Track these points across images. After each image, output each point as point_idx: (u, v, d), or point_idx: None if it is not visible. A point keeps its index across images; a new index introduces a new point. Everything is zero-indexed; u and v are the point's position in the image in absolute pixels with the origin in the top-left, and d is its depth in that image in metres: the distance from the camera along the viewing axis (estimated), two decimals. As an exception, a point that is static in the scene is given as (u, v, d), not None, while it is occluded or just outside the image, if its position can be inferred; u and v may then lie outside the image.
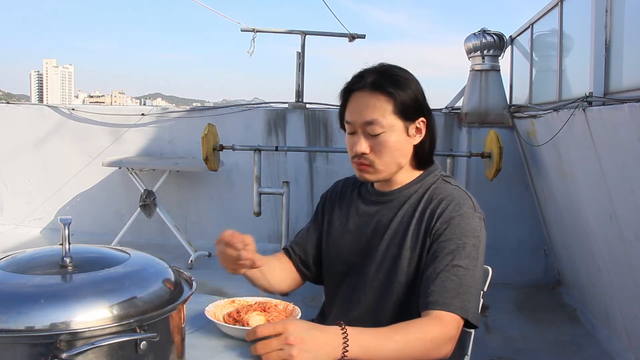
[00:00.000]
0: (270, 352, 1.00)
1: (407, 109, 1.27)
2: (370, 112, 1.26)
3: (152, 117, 5.36)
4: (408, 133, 1.29)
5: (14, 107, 5.79)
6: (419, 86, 1.31)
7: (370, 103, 1.26)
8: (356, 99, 1.29)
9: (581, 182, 3.23)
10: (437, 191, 1.31)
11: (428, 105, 1.33)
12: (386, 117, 1.26)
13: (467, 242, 1.22)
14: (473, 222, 1.24)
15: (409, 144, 1.31)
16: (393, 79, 1.27)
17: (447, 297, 1.15)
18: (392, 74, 1.29)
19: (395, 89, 1.26)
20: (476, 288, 1.20)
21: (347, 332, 1.06)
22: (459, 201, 1.27)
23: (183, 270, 1.00)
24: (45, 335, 0.74)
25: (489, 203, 4.40)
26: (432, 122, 1.33)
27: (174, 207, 5.19)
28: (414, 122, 1.29)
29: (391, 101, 1.25)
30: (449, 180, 1.35)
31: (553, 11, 3.84)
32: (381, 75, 1.28)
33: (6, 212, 5.80)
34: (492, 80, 4.69)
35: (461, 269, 1.19)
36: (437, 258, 1.22)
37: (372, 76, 1.28)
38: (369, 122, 1.26)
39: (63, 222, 0.87)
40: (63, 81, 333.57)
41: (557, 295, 4.18)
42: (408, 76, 1.31)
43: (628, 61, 2.74)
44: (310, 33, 5.26)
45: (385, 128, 1.26)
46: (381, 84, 1.26)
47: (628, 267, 2.72)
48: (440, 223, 1.25)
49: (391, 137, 1.27)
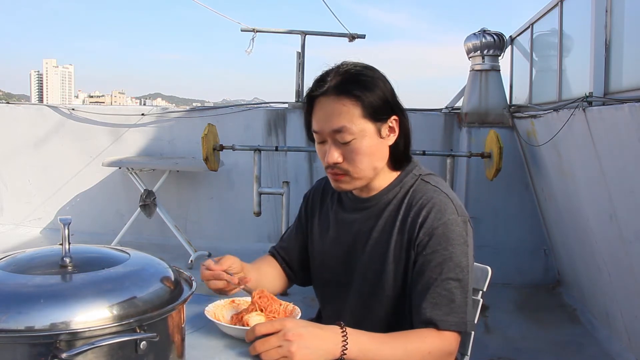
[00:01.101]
0: (269, 349, 1.00)
1: (376, 110, 1.19)
2: (338, 119, 1.17)
3: (152, 117, 5.36)
4: (381, 135, 1.22)
5: (14, 107, 5.79)
6: (387, 83, 1.23)
7: (336, 109, 1.18)
8: (321, 106, 1.20)
9: (581, 182, 3.23)
10: (416, 195, 1.24)
11: (399, 101, 1.26)
12: (355, 122, 1.17)
13: (454, 251, 1.17)
14: (457, 228, 1.19)
15: (383, 146, 1.24)
16: (358, 80, 1.19)
17: (441, 315, 1.13)
18: (356, 75, 1.20)
19: (362, 91, 1.17)
20: (470, 295, 1.18)
21: (347, 332, 1.06)
22: (440, 207, 1.20)
23: (183, 270, 1.00)
24: (45, 335, 0.74)
25: (489, 203, 4.42)
26: (405, 119, 1.27)
27: (174, 207, 5.19)
28: (386, 122, 1.22)
29: (358, 105, 1.17)
30: (429, 179, 1.28)
31: (553, 11, 3.84)
32: (345, 77, 1.20)
33: (6, 212, 5.79)
34: (492, 80, 4.69)
35: (452, 281, 1.15)
36: (424, 272, 1.17)
37: (335, 79, 1.19)
38: (337, 130, 1.18)
39: (63, 222, 0.87)
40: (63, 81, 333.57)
41: (557, 295, 4.18)
42: (374, 74, 1.22)
43: (628, 61, 2.74)
44: (310, 33, 5.26)
45: (356, 134, 1.18)
46: (346, 87, 1.18)
47: (628, 267, 2.72)
48: (423, 234, 1.19)
49: (363, 143, 1.19)
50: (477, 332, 1.37)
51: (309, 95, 1.23)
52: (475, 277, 1.42)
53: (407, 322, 1.21)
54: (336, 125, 1.18)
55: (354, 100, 1.17)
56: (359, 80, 1.19)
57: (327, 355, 1.03)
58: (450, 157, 4.16)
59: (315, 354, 1.01)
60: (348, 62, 1.24)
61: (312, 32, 5.28)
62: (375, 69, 1.24)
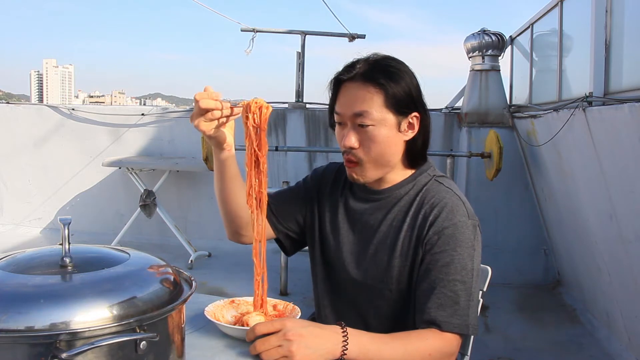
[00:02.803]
0: (269, 348, 1.00)
1: (399, 102, 1.20)
2: (360, 104, 1.20)
3: (152, 117, 5.36)
4: (399, 128, 1.22)
5: (14, 107, 5.79)
6: (413, 79, 1.24)
7: (360, 95, 1.20)
8: (346, 90, 1.23)
9: (581, 182, 3.23)
10: (429, 194, 1.25)
11: (423, 100, 1.26)
12: (376, 109, 1.19)
13: (462, 254, 1.17)
14: (467, 231, 1.19)
15: (400, 140, 1.24)
16: (386, 70, 1.21)
17: (445, 316, 1.13)
18: (385, 65, 1.22)
19: (387, 81, 1.19)
20: (474, 299, 1.17)
21: (347, 331, 1.06)
22: (451, 208, 1.21)
23: (183, 270, 1.00)
24: (45, 335, 0.74)
25: (489, 203, 4.42)
26: (427, 118, 1.26)
27: (174, 207, 5.19)
28: (407, 116, 1.22)
29: (382, 93, 1.19)
30: (442, 181, 1.28)
31: (553, 11, 3.84)
32: (373, 65, 1.21)
33: (6, 212, 5.80)
34: (492, 80, 4.69)
35: (457, 282, 1.15)
36: (431, 271, 1.17)
37: (363, 66, 1.22)
38: (358, 113, 1.20)
39: (63, 222, 0.87)
40: (63, 81, 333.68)
41: (557, 295, 4.18)
42: (402, 68, 1.23)
43: (628, 61, 2.74)
44: (310, 33, 5.26)
45: (375, 121, 1.19)
46: (373, 74, 1.20)
47: (628, 267, 2.72)
48: (432, 233, 1.19)
49: (381, 132, 1.20)
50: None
51: (336, 78, 1.25)
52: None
53: (411, 318, 1.21)
54: (358, 109, 1.20)
55: (378, 89, 1.19)
56: (386, 71, 1.21)
57: (327, 355, 1.03)
58: (450, 157, 4.16)
59: (315, 353, 1.01)
60: (378, 53, 1.25)
61: (312, 32, 5.28)
62: (404, 63, 1.25)
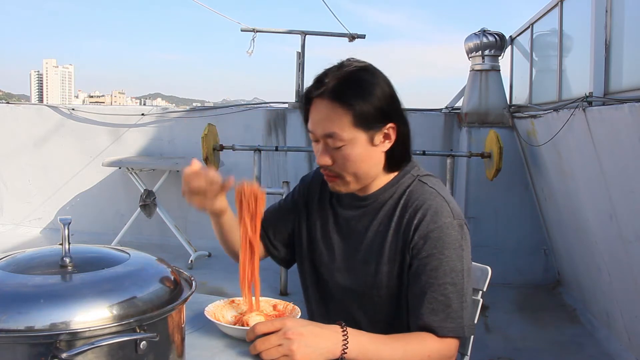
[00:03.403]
0: (269, 348, 1.00)
1: (369, 120, 1.16)
2: (329, 125, 1.16)
3: (152, 117, 5.36)
4: (373, 142, 1.19)
5: (14, 107, 5.79)
6: (386, 89, 1.19)
7: (328, 115, 1.16)
8: (316, 107, 1.18)
9: (581, 182, 3.23)
10: (413, 196, 1.22)
11: (399, 106, 1.23)
12: (346, 130, 1.15)
13: (450, 256, 1.16)
14: (453, 232, 1.18)
15: (376, 153, 1.21)
16: (355, 85, 1.16)
17: (438, 321, 1.12)
18: (355, 79, 1.17)
19: (356, 99, 1.15)
20: (467, 299, 1.17)
21: (347, 331, 1.06)
22: (436, 210, 1.19)
23: (183, 270, 1.00)
24: (45, 335, 0.74)
25: (489, 203, 4.43)
26: (404, 125, 1.24)
27: (174, 207, 5.19)
28: (380, 130, 1.19)
29: (350, 113, 1.15)
30: (426, 180, 1.26)
31: (553, 11, 3.85)
32: (343, 80, 1.16)
33: (6, 212, 5.80)
34: (492, 80, 4.70)
35: (448, 285, 1.14)
36: (420, 276, 1.16)
37: (332, 81, 1.16)
38: (327, 134, 1.17)
39: (63, 222, 0.87)
40: (63, 81, 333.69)
41: (557, 295, 4.18)
42: (373, 80, 1.18)
43: (628, 61, 2.74)
44: (310, 33, 5.26)
45: (346, 141, 1.16)
46: (341, 91, 1.15)
47: (628, 267, 2.72)
48: (418, 237, 1.18)
49: (353, 151, 1.17)
50: (477, 332, 1.37)
51: (306, 93, 1.21)
52: (475, 277, 1.42)
53: (403, 323, 1.21)
54: (327, 130, 1.17)
55: (346, 109, 1.15)
56: (356, 86, 1.16)
57: (327, 355, 1.03)
58: (450, 157, 4.16)
59: (315, 352, 1.01)
60: (351, 61, 1.21)
61: (312, 32, 5.28)
62: (376, 73, 1.21)
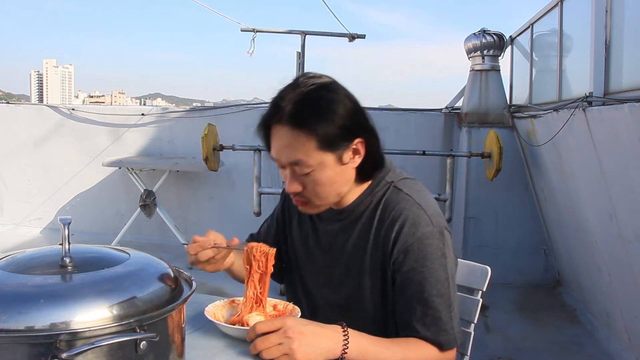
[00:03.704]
0: (269, 347, 0.99)
1: (334, 140, 1.11)
2: (293, 153, 1.11)
3: (152, 117, 5.36)
4: (343, 161, 1.14)
5: (14, 107, 5.79)
6: (348, 104, 1.13)
7: (291, 142, 1.10)
8: (276, 134, 1.13)
9: (581, 182, 3.23)
10: (389, 206, 1.18)
11: (365, 118, 1.17)
12: (311, 155, 1.10)
13: (433, 267, 1.13)
14: (434, 241, 1.14)
15: (347, 170, 1.16)
16: (313, 107, 1.10)
17: (431, 335, 1.12)
18: (313, 99, 1.11)
19: (317, 121, 1.09)
20: (454, 307, 1.15)
21: (348, 332, 1.06)
22: (413, 221, 1.14)
23: (183, 270, 1.00)
24: (45, 335, 0.74)
25: (489, 203, 4.42)
26: (372, 137, 1.18)
27: (174, 207, 5.19)
28: (348, 147, 1.14)
29: (313, 137, 1.09)
30: (401, 186, 1.21)
31: (553, 11, 3.84)
32: (300, 103, 1.10)
33: (6, 212, 5.80)
34: (492, 80, 4.70)
35: (435, 298, 1.12)
36: (406, 291, 1.14)
37: (289, 104, 1.10)
38: (293, 162, 1.12)
39: (63, 222, 0.87)
40: (63, 81, 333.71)
41: (557, 295, 4.18)
42: (333, 96, 1.12)
43: (628, 61, 2.74)
44: (310, 33, 5.25)
45: (314, 166, 1.12)
46: (300, 116, 1.09)
47: (628, 267, 2.72)
48: (397, 251, 1.14)
49: (322, 174, 1.13)
50: (477, 332, 1.38)
51: (264, 120, 1.15)
52: (475, 277, 1.42)
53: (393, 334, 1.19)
54: (292, 158, 1.12)
55: (307, 133, 1.09)
56: (314, 107, 1.10)
57: (327, 354, 1.03)
58: (450, 157, 4.16)
59: (316, 351, 1.01)
60: (307, 78, 1.14)
61: (312, 32, 5.28)
62: (334, 88, 1.14)
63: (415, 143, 4.60)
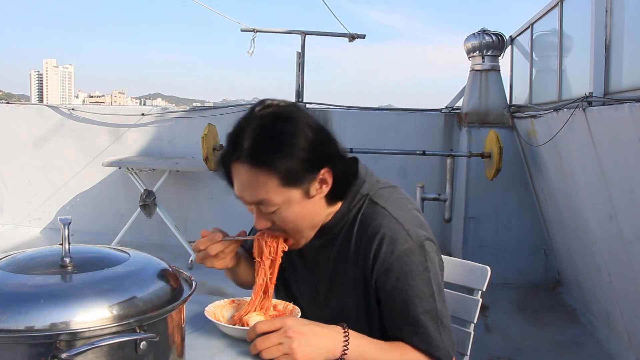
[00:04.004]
0: (270, 346, 0.99)
1: (298, 175, 1.06)
2: (256, 192, 1.06)
3: (152, 117, 5.36)
4: (310, 195, 1.09)
5: (14, 107, 5.79)
6: (309, 134, 1.06)
7: (252, 182, 1.06)
8: (237, 172, 1.08)
9: (581, 182, 3.23)
10: (365, 221, 1.14)
11: (330, 145, 1.11)
12: (275, 193, 1.06)
13: (416, 284, 1.10)
14: (414, 258, 1.10)
15: (316, 201, 1.12)
16: (273, 141, 1.04)
17: (424, 351, 1.11)
18: (272, 134, 1.05)
19: (277, 158, 1.03)
20: (444, 319, 1.13)
21: (349, 333, 1.06)
22: (391, 237, 1.10)
23: (183, 270, 1.00)
24: (45, 335, 0.74)
25: (489, 203, 4.42)
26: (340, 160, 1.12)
27: (174, 207, 5.19)
28: (315, 179, 1.09)
29: (275, 175, 1.04)
30: (377, 199, 1.16)
31: (553, 11, 3.85)
32: (258, 138, 1.04)
33: (6, 212, 5.80)
34: (492, 80, 4.70)
35: (421, 315, 1.10)
36: (392, 311, 1.13)
37: (248, 140, 1.04)
38: (257, 202, 1.08)
39: (63, 222, 0.87)
40: (63, 81, 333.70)
41: (557, 295, 4.18)
42: (292, 128, 1.05)
43: (628, 61, 2.74)
44: (310, 33, 5.26)
45: (279, 204, 1.07)
46: (259, 153, 1.04)
47: (628, 267, 2.72)
48: (378, 271, 1.11)
49: (289, 211, 1.09)
50: (477, 332, 1.38)
51: (223, 158, 1.10)
52: (475, 277, 1.42)
53: None
54: (255, 197, 1.07)
55: (268, 171, 1.04)
56: (272, 143, 1.04)
57: (327, 354, 1.02)
58: (450, 157, 4.16)
59: (316, 351, 1.01)
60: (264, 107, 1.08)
61: (312, 32, 5.28)
62: (294, 118, 1.07)
63: (415, 143, 4.60)
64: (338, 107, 5.23)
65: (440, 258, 1.19)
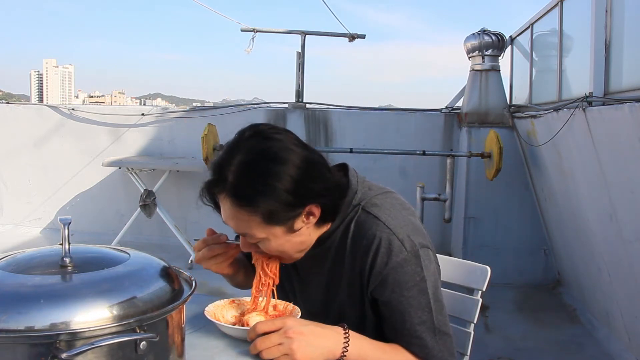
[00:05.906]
0: (270, 346, 0.99)
1: (279, 216, 1.05)
2: (239, 225, 1.08)
3: (152, 117, 5.36)
4: (294, 229, 1.09)
5: (14, 107, 5.79)
6: (294, 173, 1.04)
7: (235, 215, 1.06)
8: (221, 202, 1.08)
9: (581, 182, 3.23)
10: (359, 231, 1.13)
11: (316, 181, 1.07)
12: (258, 228, 1.07)
13: (411, 295, 1.10)
14: (409, 268, 1.09)
15: (303, 232, 1.11)
16: (256, 180, 1.03)
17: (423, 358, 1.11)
18: (255, 172, 1.03)
19: (260, 197, 1.02)
20: (442, 327, 1.12)
21: (349, 333, 1.06)
22: (385, 249, 1.09)
23: (183, 270, 1.00)
24: (45, 335, 0.74)
25: (489, 203, 4.42)
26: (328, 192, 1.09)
27: (174, 207, 5.19)
28: (300, 215, 1.08)
29: (257, 214, 1.04)
30: (370, 208, 1.14)
31: (553, 11, 3.85)
32: (241, 175, 1.03)
33: (6, 212, 5.80)
34: (492, 80, 4.69)
35: (417, 326, 1.10)
36: (389, 321, 1.13)
37: (232, 173, 1.04)
38: (241, 233, 1.11)
39: (63, 222, 0.87)
40: (63, 81, 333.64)
41: (557, 295, 4.18)
42: (276, 167, 1.03)
43: (628, 61, 2.74)
44: (310, 33, 5.26)
45: (262, 237, 1.09)
46: (241, 191, 1.03)
47: (628, 267, 2.72)
48: (373, 283, 1.11)
49: (274, 244, 1.10)
50: (477, 332, 1.38)
51: (208, 188, 1.10)
52: (475, 277, 1.42)
53: None
54: (239, 230, 1.10)
55: (250, 210, 1.04)
56: (255, 182, 1.03)
57: (328, 354, 1.02)
58: (450, 157, 4.16)
59: (316, 351, 1.01)
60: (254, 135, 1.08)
61: (312, 32, 5.28)
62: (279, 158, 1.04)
63: (415, 143, 4.60)
64: (338, 107, 5.24)
65: (436, 263, 1.18)
